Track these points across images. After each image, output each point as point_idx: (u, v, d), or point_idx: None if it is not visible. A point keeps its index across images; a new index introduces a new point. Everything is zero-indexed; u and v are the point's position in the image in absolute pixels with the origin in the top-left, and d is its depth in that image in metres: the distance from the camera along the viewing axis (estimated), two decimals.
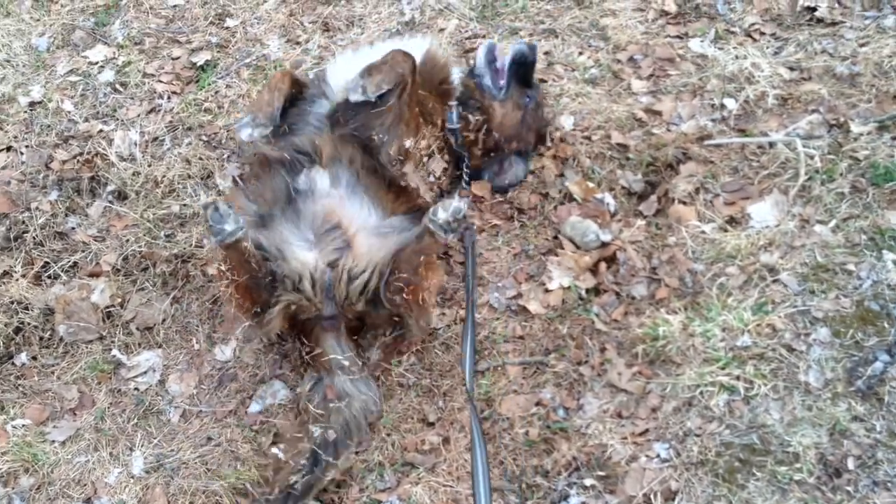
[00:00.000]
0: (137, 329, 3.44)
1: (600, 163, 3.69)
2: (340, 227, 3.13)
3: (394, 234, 3.17)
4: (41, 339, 3.44)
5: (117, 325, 3.45)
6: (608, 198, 3.57)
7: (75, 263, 3.63)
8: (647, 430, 2.93)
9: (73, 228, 3.71)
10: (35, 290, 3.51)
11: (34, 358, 3.40)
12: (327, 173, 3.22)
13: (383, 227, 3.20)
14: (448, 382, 3.19)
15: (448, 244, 3.25)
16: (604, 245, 3.41)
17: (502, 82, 3.57)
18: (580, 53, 4.16)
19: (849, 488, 2.65)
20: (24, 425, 3.20)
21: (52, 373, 3.37)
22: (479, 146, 3.60)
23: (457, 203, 2.97)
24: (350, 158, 3.26)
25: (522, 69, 3.57)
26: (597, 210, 3.53)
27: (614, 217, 3.52)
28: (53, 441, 3.17)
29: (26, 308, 3.45)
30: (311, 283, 3.04)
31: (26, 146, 3.96)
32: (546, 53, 4.15)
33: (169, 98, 4.18)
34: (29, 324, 3.43)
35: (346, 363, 3.13)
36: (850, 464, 2.68)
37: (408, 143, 3.34)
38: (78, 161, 3.90)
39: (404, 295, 3.04)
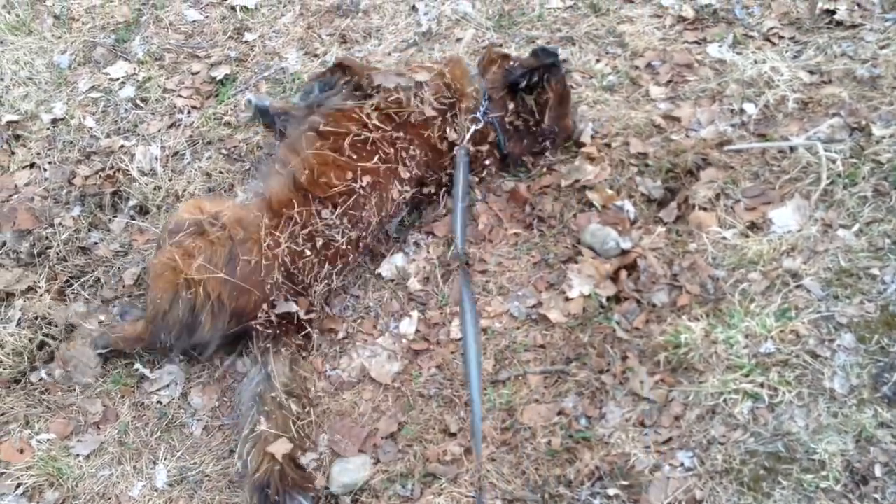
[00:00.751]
0: None
1: (620, 170, 3.67)
2: None
3: None
4: None
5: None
6: (628, 205, 3.55)
7: (98, 279, 3.66)
8: (670, 439, 2.91)
9: (96, 243, 3.75)
10: (59, 305, 3.54)
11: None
12: None
13: None
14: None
15: None
16: (624, 253, 3.39)
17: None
18: (598, 61, 4.15)
19: (876, 496, 2.61)
20: (48, 440, 3.23)
21: (76, 387, 3.39)
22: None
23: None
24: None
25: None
26: (616, 217, 3.52)
27: (634, 224, 3.50)
28: (78, 455, 3.20)
29: (49, 324, 3.48)
30: None
31: (49, 162, 4.01)
32: (564, 61, 4.14)
33: (189, 112, 4.21)
34: (53, 338, 3.47)
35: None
36: (878, 471, 2.64)
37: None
38: (100, 176, 3.94)
39: None
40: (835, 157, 3.40)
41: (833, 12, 4.04)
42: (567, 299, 3.34)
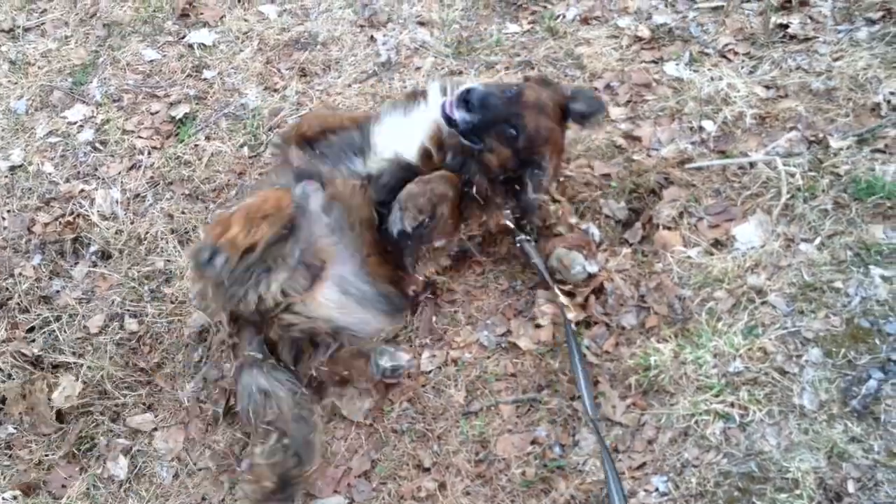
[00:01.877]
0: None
1: (583, 192, 3.67)
2: (320, 269, 3.11)
3: (357, 306, 3.18)
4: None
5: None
6: (593, 228, 3.54)
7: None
8: (644, 464, 2.90)
9: (58, 292, 3.69)
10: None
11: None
12: (321, 196, 3.19)
13: (354, 286, 3.18)
14: (442, 425, 3.16)
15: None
16: (591, 276, 3.37)
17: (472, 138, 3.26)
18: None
19: None
20: (14, 497, 3.15)
21: (40, 441, 3.32)
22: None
23: (405, 358, 3.19)
24: (350, 207, 3.22)
25: (479, 113, 3.19)
26: (582, 240, 3.50)
27: (600, 247, 3.49)
28: None
29: (10, 377, 3.42)
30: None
31: (8, 211, 3.95)
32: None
33: (149, 153, 4.18)
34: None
35: (260, 356, 3.12)
36: (851, 487, 2.64)
37: (439, 243, 3.35)
38: (60, 223, 3.88)
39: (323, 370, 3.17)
40: (794, 171, 3.42)
41: (786, 26, 4.08)
42: (537, 326, 3.33)
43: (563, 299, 3.27)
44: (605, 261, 3.42)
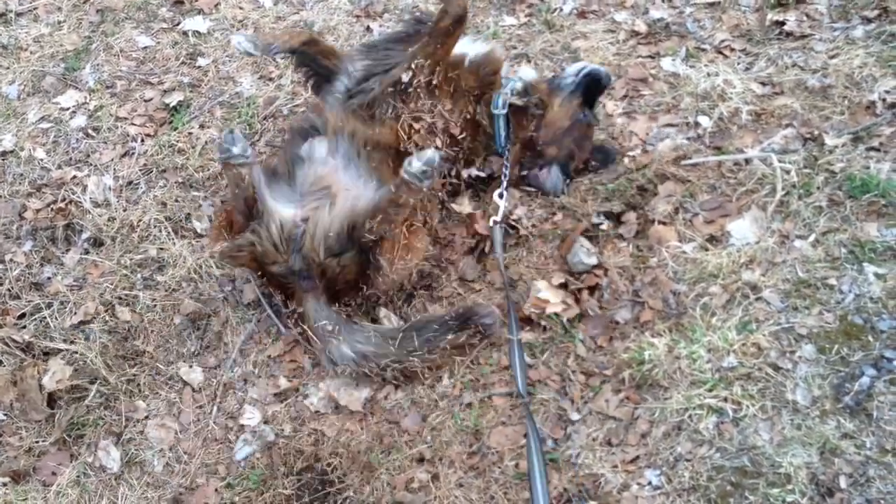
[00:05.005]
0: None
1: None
2: (328, 190, 3.24)
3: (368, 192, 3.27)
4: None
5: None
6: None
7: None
8: (637, 457, 2.90)
9: (49, 279, 3.66)
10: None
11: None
12: (326, 143, 3.34)
13: (372, 191, 3.27)
14: (437, 418, 3.15)
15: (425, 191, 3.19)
16: (591, 268, 3.37)
17: (571, 79, 3.60)
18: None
19: None
20: (4, 484, 3.13)
21: (32, 428, 3.30)
22: (523, 135, 3.63)
23: (430, 153, 3.08)
24: (352, 132, 3.34)
25: (593, 86, 3.62)
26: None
27: (594, 241, 3.49)
28: (35, 500, 3.10)
29: (0, 363, 3.39)
30: (280, 231, 3.15)
31: None
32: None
33: (142, 141, 4.15)
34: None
35: (331, 327, 3.21)
36: (843, 482, 2.65)
37: (405, 76, 3.37)
38: (52, 209, 3.85)
39: (375, 238, 3.18)
40: (789, 168, 3.43)
41: (783, 23, 4.09)
42: (529, 319, 3.32)
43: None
44: (604, 255, 3.41)
